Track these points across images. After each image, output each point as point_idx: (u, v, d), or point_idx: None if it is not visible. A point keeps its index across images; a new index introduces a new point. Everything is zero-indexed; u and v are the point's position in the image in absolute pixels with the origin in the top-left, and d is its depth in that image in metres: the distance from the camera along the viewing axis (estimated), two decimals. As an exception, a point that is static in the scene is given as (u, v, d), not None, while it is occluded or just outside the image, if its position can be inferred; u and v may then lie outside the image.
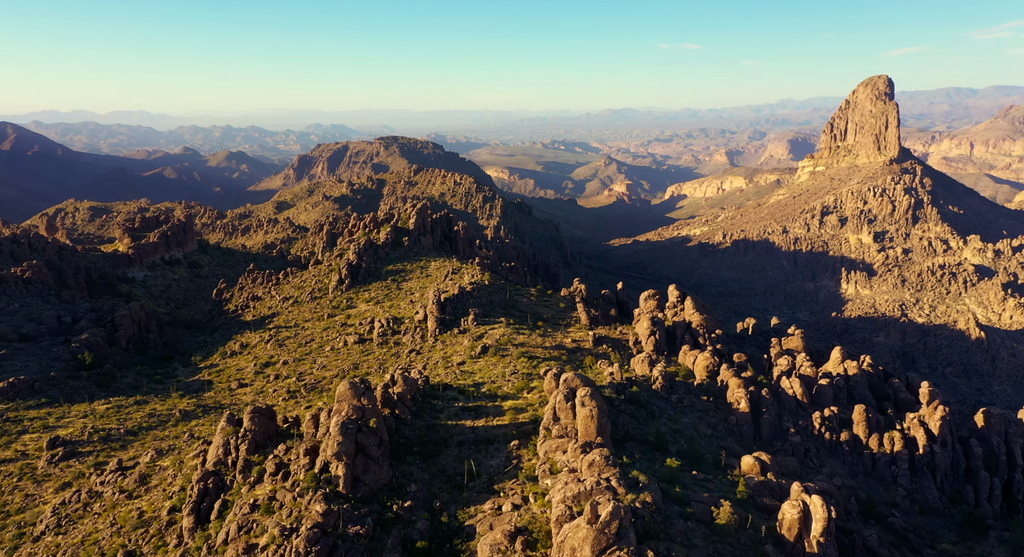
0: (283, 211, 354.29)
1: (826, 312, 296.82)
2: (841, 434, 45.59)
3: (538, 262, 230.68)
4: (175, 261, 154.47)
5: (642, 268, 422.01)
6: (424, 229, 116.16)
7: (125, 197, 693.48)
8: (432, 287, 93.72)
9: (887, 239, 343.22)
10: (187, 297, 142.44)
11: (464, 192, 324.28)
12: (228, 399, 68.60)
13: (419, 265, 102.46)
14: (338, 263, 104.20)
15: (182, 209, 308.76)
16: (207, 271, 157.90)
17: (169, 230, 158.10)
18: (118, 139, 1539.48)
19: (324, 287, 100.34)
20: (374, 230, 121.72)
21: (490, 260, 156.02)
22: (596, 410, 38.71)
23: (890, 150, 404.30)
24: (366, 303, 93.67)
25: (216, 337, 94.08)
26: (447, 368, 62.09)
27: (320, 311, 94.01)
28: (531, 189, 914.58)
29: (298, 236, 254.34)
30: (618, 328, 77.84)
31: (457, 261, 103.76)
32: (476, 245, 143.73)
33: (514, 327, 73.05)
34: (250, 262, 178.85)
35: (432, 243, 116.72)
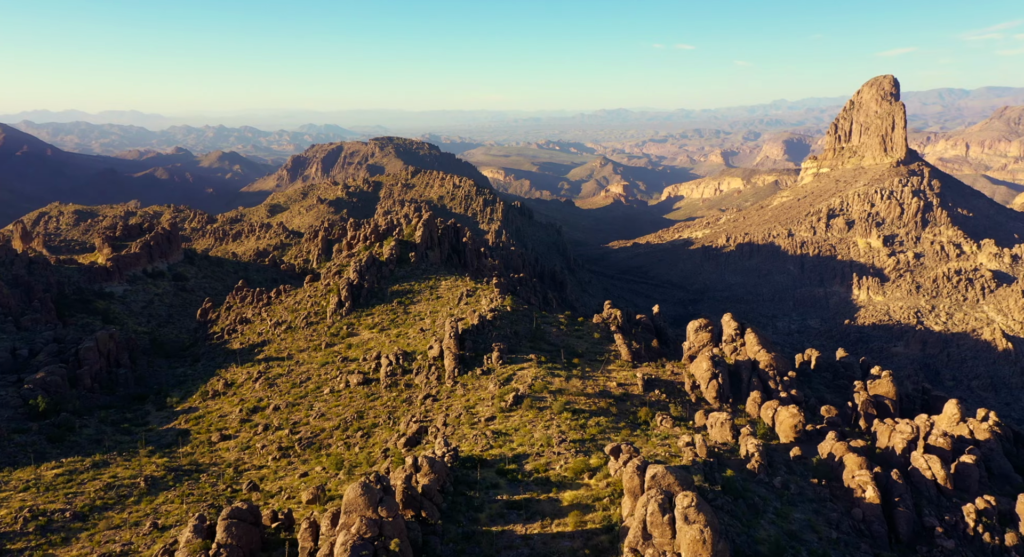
0: (276, 214, 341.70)
1: (838, 319, 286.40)
2: (1006, 536, 34.47)
3: (543, 270, 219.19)
4: (158, 273, 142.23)
5: (644, 272, 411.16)
6: (432, 243, 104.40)
7: (115, 198, 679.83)
8: (444, 311, 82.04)
9: (897, 243, 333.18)
10: (171, 314, 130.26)
11: (464, 195, 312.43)
12: (207, 457, 56.74)
13: (428, 285, 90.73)
14: (337, 282, 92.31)
15: (170, 213, 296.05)
16: (193, 284, 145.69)
17: (152, 240, 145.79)
18: (110, 139, 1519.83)
19: (321, 310, 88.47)
20: (375, 243, 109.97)
21: (498, 271, 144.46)
22: (710, 532, 27.18)
23: (897, 151, 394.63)
24: (369, 330, 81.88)
25: (198, 369, 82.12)
26: (474, 425, 50.49)
27: (317, 339, 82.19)
28: (527, 190, 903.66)
29: (292, 242, 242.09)
30: (666, 365, 66.33)
31: (471, 280, 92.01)
32: (483, 256, 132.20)
33: (547, 367, 61.45)
34: (240, 273, 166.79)
35: (440, 257, 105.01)
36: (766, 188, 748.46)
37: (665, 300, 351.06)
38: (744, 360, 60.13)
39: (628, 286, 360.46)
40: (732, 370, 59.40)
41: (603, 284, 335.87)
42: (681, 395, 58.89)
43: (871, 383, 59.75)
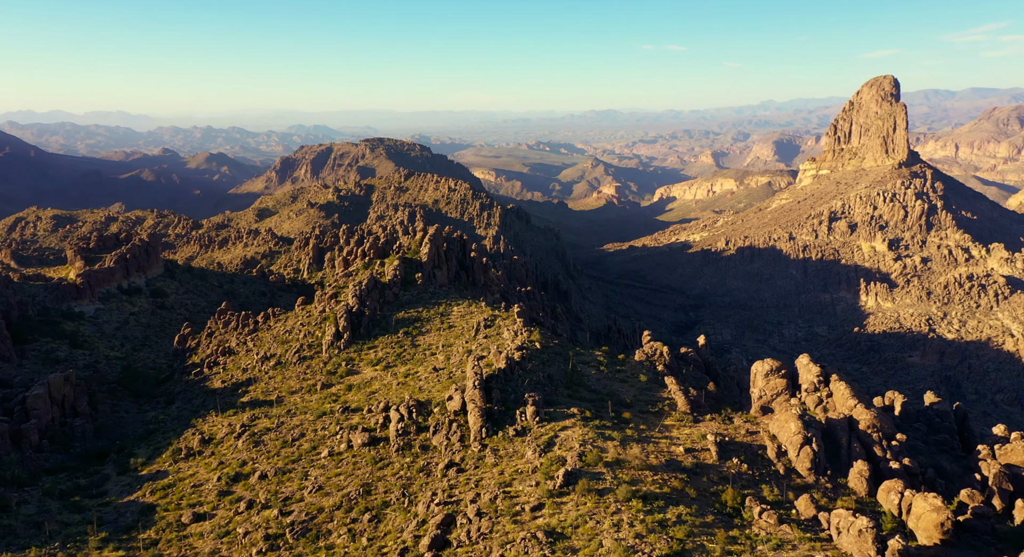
0: (264, 219, 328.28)
1: (846, 326, 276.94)
2: None
3: (547, 279, 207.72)
4: (135, 289, 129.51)
5: (642, 276, 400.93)
6: (439, 260, 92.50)
7: (100, 201, 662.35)
8: (459, 345, 70.24)
9: (902, 247, 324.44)
10: (147, 336, 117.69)
11: (459, 199, 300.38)
12: (175, 548, 44.77)
13: (437, 311, 78.86)
14: (333, 309, 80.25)
15: (154, 218, 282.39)
16: (174, 301, 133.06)
17: (129, 252, 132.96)
18: (96, 140, 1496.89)
19: (316, 342, 76.39)
20: (375, 259, 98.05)
21: (504, 285, 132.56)
22: None
23: (898, 153, 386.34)
24: (372, 367, 69.94)
25: (172, 413, 69.94)
26: (517, 518, 38.80)
27: (312, 378, 70.19)
28: (518, 191, 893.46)
29: (281, 249, 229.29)
30: (734, 418, 54.87)
31: (486, 306, 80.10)
32: (488, 268, 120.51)
33: (595, 426, 49.76)
34: (225, 285, 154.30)
35: (448, 276, 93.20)
36: (759, 189, 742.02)
37: (666, 305, 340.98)
38: (838, 419, 48.76)
39: (627, 292, 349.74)
40: (824, 430, 48.24)
41: (603, 290, 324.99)
42: (765, 464, 47.60)
43: (1000, 449, 48.56)
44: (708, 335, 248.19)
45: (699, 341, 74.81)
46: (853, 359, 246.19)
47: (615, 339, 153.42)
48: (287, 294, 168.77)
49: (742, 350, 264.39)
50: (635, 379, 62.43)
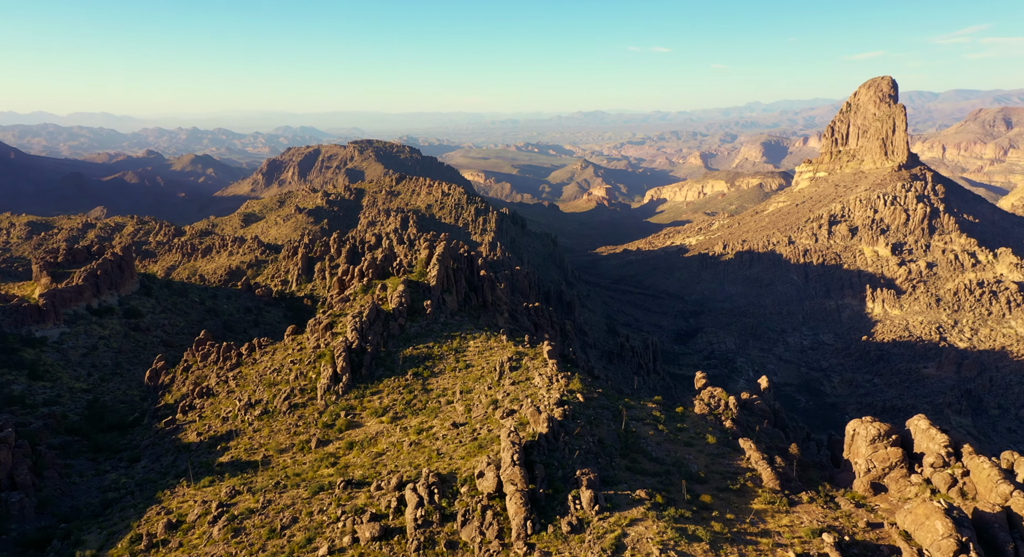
0: (251, 224, 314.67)
1: (852, 334, 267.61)
2: None
3: (548, 289, 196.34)
4: (106, 309, 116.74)
5: (638, 281, 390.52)
6: (448, 283, 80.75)
7: (82, 204, 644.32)
8: (480, 391, 58.62)
9: (906, 251, 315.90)
10: (119, 363, 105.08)
11: (453, 204, 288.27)
12: None
13: (451, 347, 67.27)
14: (330, 344, 68.33)
15: (133, 225, 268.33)
16: (150, 321, 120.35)
17: (99, 268, 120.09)
18: (79, 142, 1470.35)
19: (309, 385, 64.52)
20: (374, 282, 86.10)
21: (509, 302, 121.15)
22: None
23: (898, 155, 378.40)
24: (377, 419, 58.19)
25: (136, 477, 57.81)
26: None
27: (304, 431, 58.39)
28: (508, 193, 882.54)
29: (268, 258, 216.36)
30: (838, 500, 43.74)
31: (509, 341, 68.33)
32: (496, 286, 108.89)
33: (671, 517, 38.45)
34: (208, 301, 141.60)
35: (457, 300, 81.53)
36: (750, 191, 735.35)
37: (665, 312, 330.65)
38: (993, 513, 37.74)
39: (625, 298, 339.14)
40: (977, 528, 37.31)
41: (601, 297, 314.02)
42: (900, 573, 36.69)
43: None
44: (711, 344, 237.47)
45: (761, 383, 63.56)
46: (863, 369, 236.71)
47: (628, 358, 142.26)
48: (274, 309, 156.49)
49: (747, 359, 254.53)
50: (701, 440, 50.99)
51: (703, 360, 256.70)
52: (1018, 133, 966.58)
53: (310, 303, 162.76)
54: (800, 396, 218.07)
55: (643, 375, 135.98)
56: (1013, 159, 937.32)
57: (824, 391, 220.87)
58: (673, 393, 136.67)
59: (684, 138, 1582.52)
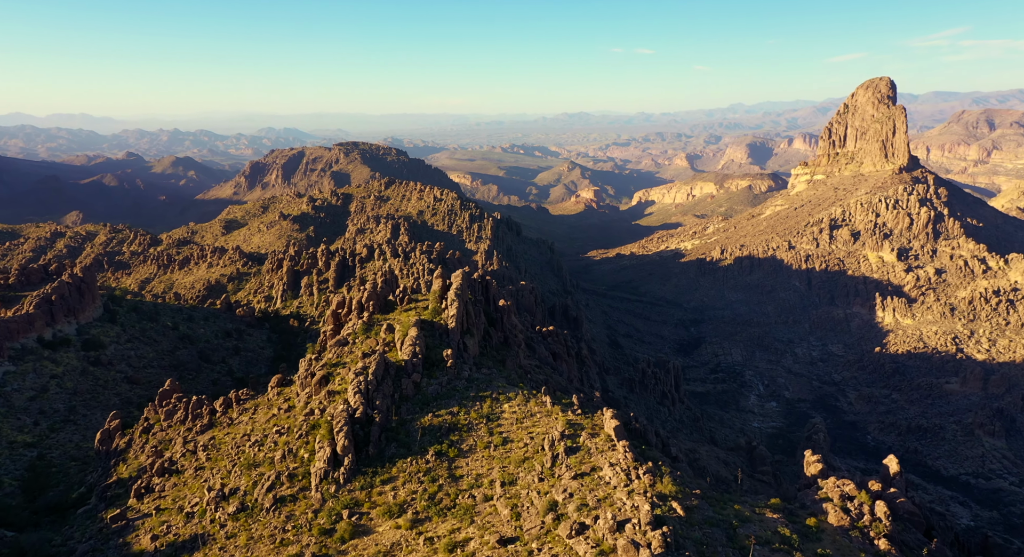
0: (232, 232, 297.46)
1: (863, 345, 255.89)
2: None
3: (554, 305, 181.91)
4: (61, 341, 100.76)
5: (634, 288, 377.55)
6: (468, 322, 66.06)
7: (58, 208, 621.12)
8: (527, 482, 44.03)
9: (911, 257, 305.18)
10: (73, 407, 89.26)
11: (446, 210, 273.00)
12: None
13: (480, 412, 52.67)
14: (327, 411, 53.39)
15: (106, 233, 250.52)
16: (113, 353, 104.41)
17: (54, 293, 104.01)
18: (57, 143, 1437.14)
19: (301, 470, 49.69)
20: (377, 319, 71.07)
21: (525, 326, 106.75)
22: None
23: (899, 158, 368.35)
24: (391, 522, 43.46)
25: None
26: None
27: (295, 540, 43.55)
28: (495, 195, 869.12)
29: (250, 270, 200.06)
30: None
31: (554, 405, 53.77)
32: (512, 313, 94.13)
33: None
34: (183, 325, 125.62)
35: (478, 342, 66.87)
36: (740, 193, 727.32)
37: (664, 321, 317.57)
38: None
39: (623, 306, 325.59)
40: None
41: (599, 306, 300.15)
42: None
43: None
44: (716, 355, 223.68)
45: (889, 466, 49.46)
46: (878, 383, 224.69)
47: (651, 385, 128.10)
48: (257, 332, 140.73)
49: (755, 372, 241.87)
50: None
51: (710, 374, 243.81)
52: (1001, 135, 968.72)
53: (296, 324, 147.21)
54: (816, 413, 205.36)
55: (668, 405, 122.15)
56: (997, 160, 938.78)
57: (841, 408, 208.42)
58: (702, 425, 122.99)
59: (669, 139, 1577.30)
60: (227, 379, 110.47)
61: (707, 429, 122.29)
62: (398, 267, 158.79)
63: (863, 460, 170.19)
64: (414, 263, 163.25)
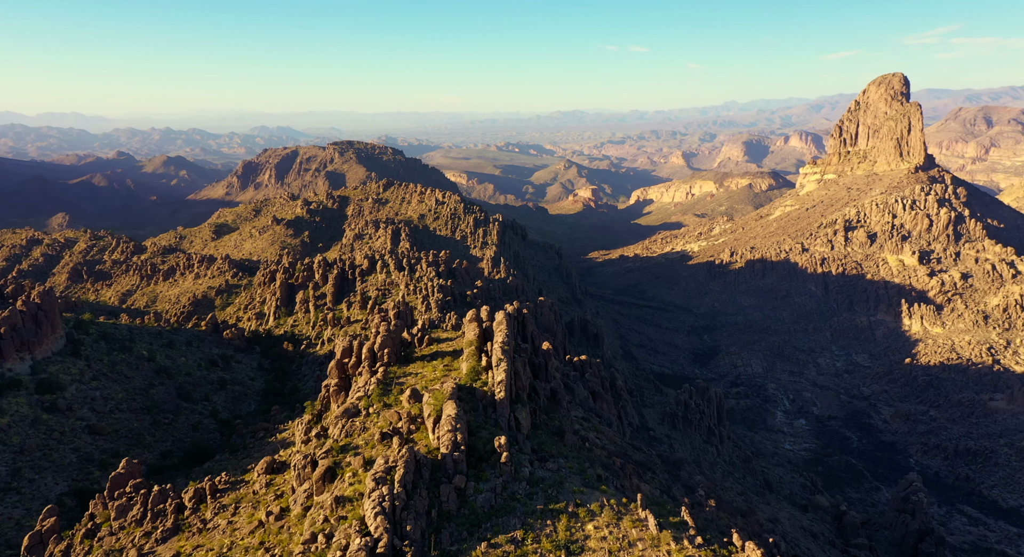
0: (223, 236, 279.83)
1: (890, 355, 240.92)
2: None
3: (572, 320, 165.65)
4: (11, 383, 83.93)
5: (640, 292, 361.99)
6: (518, 386, 49.80)
7: (45, 209, 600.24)
8: None
9: (934, 261, 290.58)
10: (16, 471, 72.34)
11: (449, 213, 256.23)
12: None
13: (555, 543, 36.22)
14: (335, 540, 37.17)
15: (87, 240, 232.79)
16: (75, 396, 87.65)
17: (3, 324, 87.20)
18: (47, 142, 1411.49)
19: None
20: (394, 376, 54.86)
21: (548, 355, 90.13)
22: None
23: (914, 156, 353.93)
24: None
25: None
26: None
27: None
28: (491, 194, 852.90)
29: (241, 282, 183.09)
30: None
31: (658, 527, 37.80)
32: (552, 361, 77.80)
33: None
34: (159, 357, 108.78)
35: (529, 413, 50.61)
36: (740, 192, 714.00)
37: (676, 328, 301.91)
38: None
39: (632, 312, 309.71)
40: None
41: (609, 313, 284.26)
42: None
43: None
44: (735, 367, 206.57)
45: None
46: (912, 398, 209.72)
47: (695, 421, 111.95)
48: (246, 359, 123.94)
49: (778, 386, 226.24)
50: None
51: (730, 387, 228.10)
52: (999, 131, 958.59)
53: (291, 347, 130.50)
54: (850, 433, 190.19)
55: (715, 443, 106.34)
56: (995, 158, 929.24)
57: (876, 426, 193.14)
58: (754, 466, 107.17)
59: (664, 137, 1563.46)
60: (210, 422, 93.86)
61: (759, 470, 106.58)
62: (403, 282, 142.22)
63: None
64: (420, 277, 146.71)
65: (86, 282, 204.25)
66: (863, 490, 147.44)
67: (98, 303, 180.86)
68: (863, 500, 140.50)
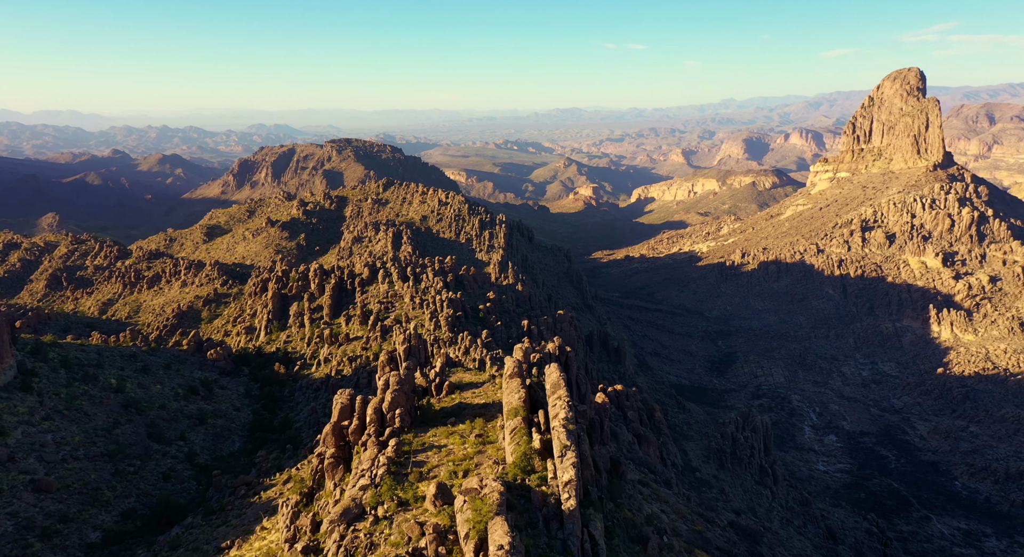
0: (215, 239, 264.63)
1: (919, 364, 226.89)
2: None
3: (591, 333, 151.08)
4: (-59, 429, 69.29)
5: (649, 294, 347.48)
6: (587, 476, 35.39)
7: (37, 209, 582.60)
8: None
9: (958, 263, 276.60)
10: (-64, 549, 57.89)
11: (453, 214, 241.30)
12: None
13: None
14: None
15: (67, 244, 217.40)
16: (19, 442, 72.63)
17: (-64, 356, 72.38)
18: (43, 141, 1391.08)
19: None
20: (408, 448, 40.47)
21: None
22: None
23: (932, 154, 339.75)
24: None
25: None
26: None
27: None
28: (490, 193, 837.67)
29: (230, 292, 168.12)
30: None
31: None
32: (609, 413, 63.40)
33: None
34: (129, 387, 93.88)
35: (603, 526, 36.20)
36: (743, 190, 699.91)
37: (689, 333, 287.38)
38: None
39: (642, 317, 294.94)
40: None
41: (620, 318, 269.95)
42: None
43: None
44: (756, 376, 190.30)
45: None
46: (947, 411, 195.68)
47: (745, 459, 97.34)
48: (232, 384, 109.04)
49: (803, 397, 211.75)
50: None
51: (751, 398, 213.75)
52: (1001, 129, 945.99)
53: (283, 370, 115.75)
54: (886, 451, 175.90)
55: (769, 484, 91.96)
56: (998, 155, 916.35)
57: (913, 444, 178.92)
58: (813, 510, 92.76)
59: (663, 135, 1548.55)
60: (184, 468, 78.99)
61: (819, 514, 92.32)
62: (408, 294, 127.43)
63: (962, 517, 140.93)
64: (427, 288, 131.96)
65: (65, 290, 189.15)
66: (912, 521, 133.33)
67: (76, 314, 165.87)
68: (915, 533, 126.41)
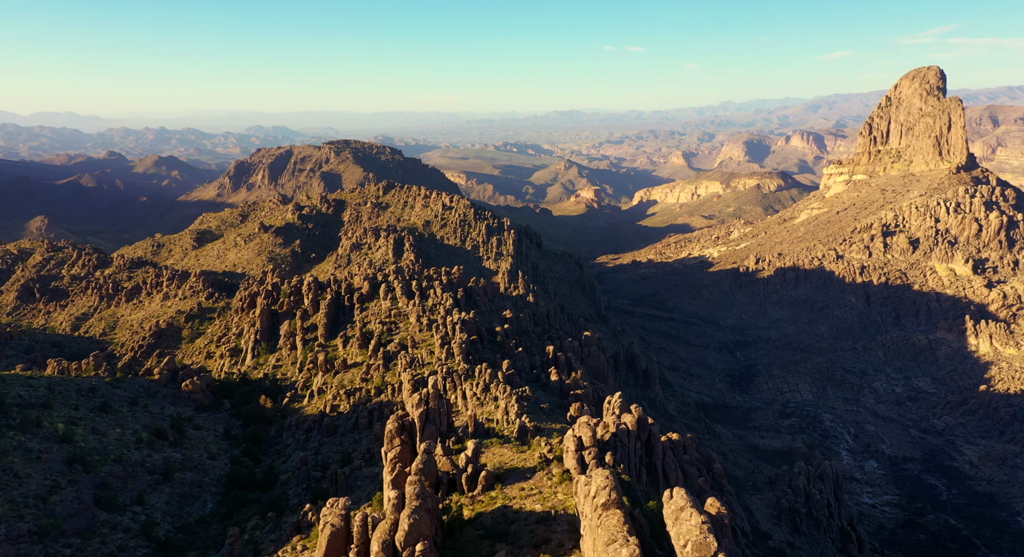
0: (205, 245, 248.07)
1: (957, 380, 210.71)
2: None
3: (616, 352, 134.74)
4: None
5: (659, 301, 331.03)
6: None
7: (28, 211, 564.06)
8: None
9: (989, 270, 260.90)
10: None
11: (458, 220, 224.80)
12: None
13: None
14: None
15: (43, 252, 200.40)
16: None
17: None
18: (39, 142, 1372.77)
19: None
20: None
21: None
22: None
23: (955, 155, 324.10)
24: None
25: None
26: None
27: None
28: (490, 195, 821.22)
29: (216, 306, 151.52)
30: None
31: None
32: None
33: None
34: (79, 435, 77.13)
35: None
36: (748, 192, 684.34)
37: (706, 344, 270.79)
38: None
39: (656, 327, 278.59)
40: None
41: (634, 328, 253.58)
42: None
43: None
44: (781, 392, 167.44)
45: None
46: (994, 433, 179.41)
47: (823, 521, 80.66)
48: (210, 424, 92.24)
49: (835, 417, 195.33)
50: None
51: (779, 418, 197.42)
52: (1005, 131, 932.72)
53: (270, 404, 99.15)
54: (935, 479, 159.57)
55: (854, 552, 75.57)
56: (1002, 157, 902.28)
57: (963, 472, 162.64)
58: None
59: (662, 137, 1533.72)
60: (139, 546, 62.23)
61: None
62: (414, 313, 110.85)
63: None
64: (436, 305, 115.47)
65: (38, 302, 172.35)
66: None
67: (44, 331, 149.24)
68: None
